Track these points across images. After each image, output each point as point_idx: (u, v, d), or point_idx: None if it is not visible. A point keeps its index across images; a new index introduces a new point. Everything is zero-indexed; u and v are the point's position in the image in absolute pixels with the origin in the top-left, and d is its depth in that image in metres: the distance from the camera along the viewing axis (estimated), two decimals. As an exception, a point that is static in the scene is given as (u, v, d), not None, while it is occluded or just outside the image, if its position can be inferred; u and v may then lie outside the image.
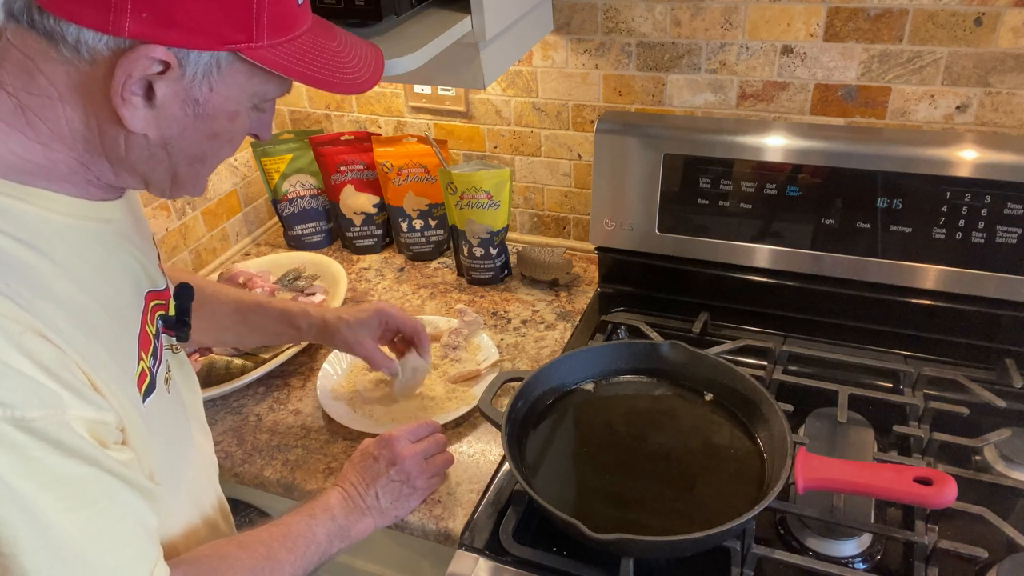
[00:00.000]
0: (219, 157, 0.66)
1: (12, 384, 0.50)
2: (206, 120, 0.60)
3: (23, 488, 0.50)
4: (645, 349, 1.05)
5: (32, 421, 0.50)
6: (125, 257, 0.67)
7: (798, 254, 1.13)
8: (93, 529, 0.54)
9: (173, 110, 0.58)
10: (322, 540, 0.80)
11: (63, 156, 0.58)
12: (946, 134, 1.07)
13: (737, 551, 0.82)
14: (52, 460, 0.52)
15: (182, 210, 1.39)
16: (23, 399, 0.50)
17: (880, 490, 0.80)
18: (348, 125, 1.52)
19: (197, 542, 0.74)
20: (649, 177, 1.17)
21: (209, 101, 0.59)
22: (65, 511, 0.52)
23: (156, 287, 0.71)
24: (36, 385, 0.51)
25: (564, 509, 0.80)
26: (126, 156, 0.60)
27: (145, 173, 0.63)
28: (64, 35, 0.54)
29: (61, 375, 0.53)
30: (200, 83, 0.58)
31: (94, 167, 0.60)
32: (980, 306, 1.08)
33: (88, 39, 0.54)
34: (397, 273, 1.43)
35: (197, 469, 0.77)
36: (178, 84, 0.57)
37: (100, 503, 0.55)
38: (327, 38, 0.65)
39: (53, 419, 0.52)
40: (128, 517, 0.57)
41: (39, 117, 0.57)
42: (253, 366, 1.15)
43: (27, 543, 0.50)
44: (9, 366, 0.50)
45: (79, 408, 0.54)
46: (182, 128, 0.60)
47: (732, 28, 1.14)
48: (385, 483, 0.87)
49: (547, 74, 1.29)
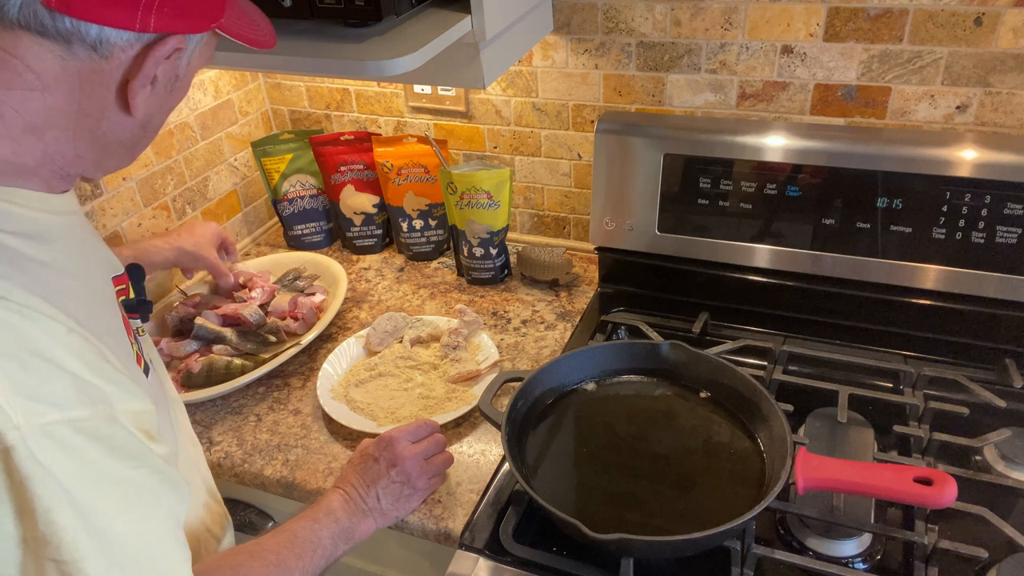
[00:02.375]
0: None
1: (64, 384, 0.51)
2: (177, 93, 0.64)
3: (83, 494, 0.51)
4: (645, 349, 1.05)
5: (86, 420, 0.51)
6: (93, 246, 0.68)
7: (798, 254, 1.13)
8: (145, 531, 0.55)
9: (160, 89, 0.61)
10: (327, 543, 0.81)
11: (30, 148, 0.58)
12: (946, 134, 1.07)
13: (737, 551, 0.82)
14: (108, 463, 0.52)
15: (182, 210, 1.39)
16: (76, 399, 0.51)
17: (880, 490, 0.80)
18: (348, 125, 1.52)
19: (197, 520, 0.75)
20: (649, 177, 1.17)
21: (186, 75, 0.63)
22: (120, 515, 0.53)
23: (117, 272, 0.71)
24: (85, 383, 0.52)
25: (564, 509, 0.80)
26: (103, 136, 0.61)
27: (112, 150, 0.63)
28: (83, 36, 0.55)
29: (103, 369, 0.54)
30: (186, 61, 0.62)
31: (58, 156, 0.60)
32: (980, 306, 1.08)
33: (110, 37, 0.55)
34: (397, 273, 1.43)
35: (186, 446, 0.78)
36: (174, 65, 0.61)
37: (150, 505, 0.56)
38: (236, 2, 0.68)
39: (104, 416, 0.52)
40: (171, 519, 0.58)
41: (15, 110, 0.56)
42: (253, 366, 1.15)
43: (88, 549, 0.51)
44: (59, 366, 0.50)
45: (124, 401, 0.55)
46: (161, 104, 0.63)
47: (732, 28, 1.14)
48: (386, 484, 0.87)
49: (547, 74, 1.29)
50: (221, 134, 1.46)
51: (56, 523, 0.49)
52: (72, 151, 0.61)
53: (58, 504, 0.49)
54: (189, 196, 1.41)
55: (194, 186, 1.42)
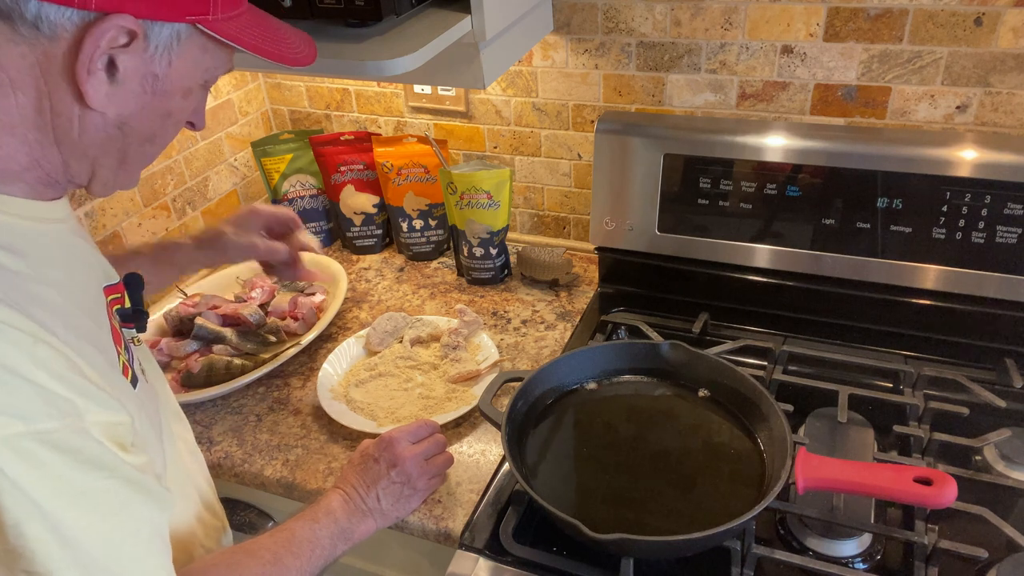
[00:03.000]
0: (166, 140, 0.66)
1: (29, 396, 0.50)
2: (163, 97, 0.61)
3: (52, 506, 0.50)
4: (645, 349, 1.05)
5: (53, 432, 0.50)
6: (83, 255, 0.67)
7: (798, 254, 1.13)
8: (117, 541, 0.54)
9: (133, 86, 0.58)
10: (326, 543, 0.80)
11: (13, 152, 0.57)
12: (946, 134, 1.07)
13: (737, 551, 0.82)
14: (75, 475, 0.52)
15: (182, 210, 1.40)
16: (42, 411, 0.50)
17: (880, 490, 0.80)
18: (348, 125, 1.52)
19: (188, 531, 0.74)
20: (649, 177, 1.17)
21: (168, 76, 0.60)
22: (92, 525, 0.53)
23: (111, 281, 0.70)
24: (52, 395, 0.51)
25: (564, 509, 0.80)
26: (79, 139, 0.59)
27: (96, 157, 0.61)
28: (23, 11, 0.52)
29: (73, 381, 0.53)
30: (161, 57, 0.58)
31: (45, 161, 0.59)
32: (980, 306, 1.08)
33: (50, 14, 0.53)
34: (397, 273, 1.43)
35: (182, 456, 0.77)
36: (140, 58, 0.57)
37: (121, 515, 0.55)
38: (264, 16, 0.67)
39: (72, 428, 0.52)
40: (146, 527, 0.57)
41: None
42: (253, 366, 1.15)
43: (60, 561, 0.51)
44: (24, 378, 0.50)
45: (95, 413, 0.54)
46: (140, 105, 0.60)
47: (732, 28, 1.14)
48: (386, 485, 0.87)
49: (547, 74, 1.29)
50: (221, 134, 1.46)
51: (26, 535, 0.49)
52: (57, 157, 0.59)
53: (28, 517, 0.49)
54: (189, 196, 1.41)
55: (194, 186, 1.42)
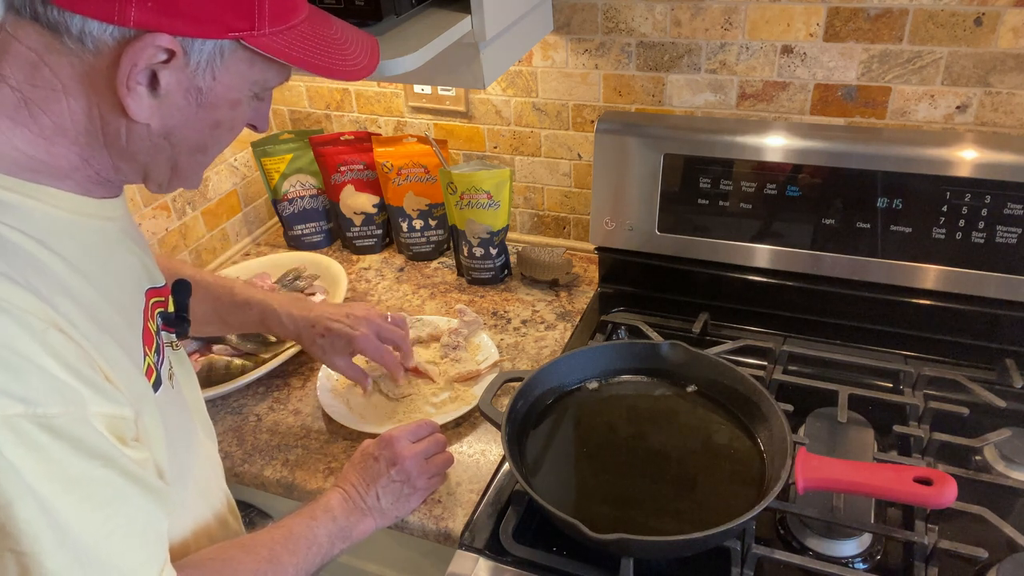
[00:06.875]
0: (220, 146, 0.66)
1: (35, 381, 0.50)
2: (208, 109, 0.61)
3: (45, 490, 0.50)
4: (645, 349, 1.05)
5: (54, 418, 0.51)
6: (127, 255, 0.67)
7: (798, 254, 1.13)
8: (108, 531, 0.55)
9: (176, 99, 0.59)
10: (324, 541, 0.80)
11: (65, 151, 0.59)
12: (946, 134, 1.07)
13: (737, 551, 0.82)
14: (72, 461, 0.52)
15: (182, 210, 1.39)
16: (45, 396, 0.50)
17: (880, 490, 0.80)
18: (348, 125, 1.52)
19: (208, 538, 0.74)
20: (649, 177, 1.17)
21: (212, 90, 0.60)
22: (83, 513, 0.53)
23: (155, 284, 0.71)
24: (58, 382, 0.51)
25: (564, 509, 0.80)
26: (127, 147, 0.60)
27: (146, 164, 0.63)
28: (69, 26, 0.54)
29: (82, 371, 0.53)
30: (204, 72, 0.59)
31: (95, 161, 0.61)
32: (980, 306, 1.08)
33: (93, 29, 0.54)
34: (397, 273, 1.43)
35: (204, 466, 0.77)
36: (182, 73, 0.58)
37: (115, 505, 0.55)
38: (324, 26, 0.66)
39: (74, 416, 0.52)
40: (140, 520, 0.58)
41: (43, 111, 0.57)
42: (253, 366, 1.15)
43: (48, 544, 0.51)
44: (32, 362, 0.50)
45: (99, 404, 0.54)
46: (185, 118, 0.60)
47: (732, 28, 1.14)
48: (385, 484, 0.87)
49: (547, 74, 1.29)
50: (221, 134, 1.46)
51: (17, 516, 0.49)
52: (107, 159, 0.61)
53: (20, 497, 0.49)
54: (189, 196, 1.41)
55: (194, 186, 1.42)
